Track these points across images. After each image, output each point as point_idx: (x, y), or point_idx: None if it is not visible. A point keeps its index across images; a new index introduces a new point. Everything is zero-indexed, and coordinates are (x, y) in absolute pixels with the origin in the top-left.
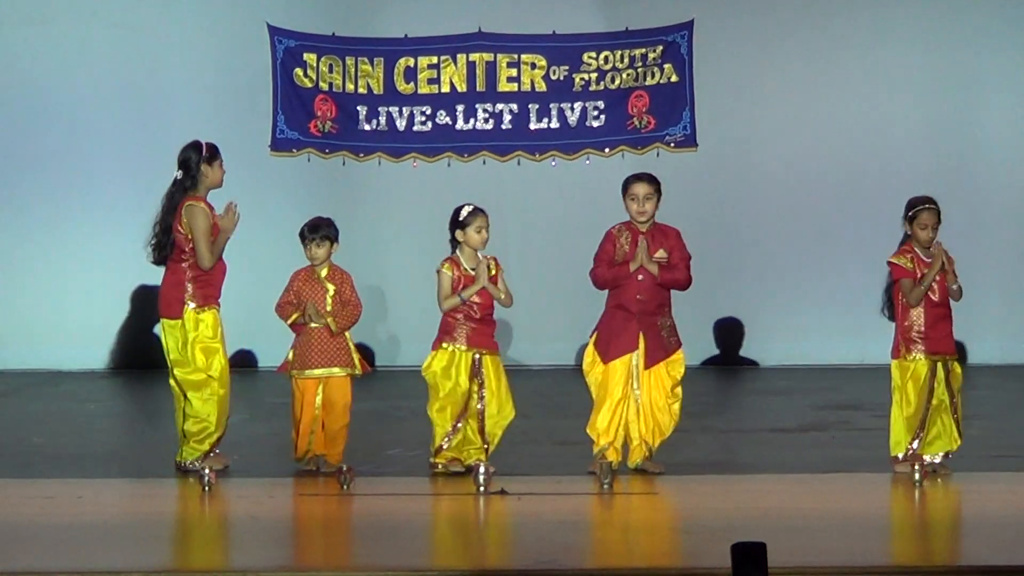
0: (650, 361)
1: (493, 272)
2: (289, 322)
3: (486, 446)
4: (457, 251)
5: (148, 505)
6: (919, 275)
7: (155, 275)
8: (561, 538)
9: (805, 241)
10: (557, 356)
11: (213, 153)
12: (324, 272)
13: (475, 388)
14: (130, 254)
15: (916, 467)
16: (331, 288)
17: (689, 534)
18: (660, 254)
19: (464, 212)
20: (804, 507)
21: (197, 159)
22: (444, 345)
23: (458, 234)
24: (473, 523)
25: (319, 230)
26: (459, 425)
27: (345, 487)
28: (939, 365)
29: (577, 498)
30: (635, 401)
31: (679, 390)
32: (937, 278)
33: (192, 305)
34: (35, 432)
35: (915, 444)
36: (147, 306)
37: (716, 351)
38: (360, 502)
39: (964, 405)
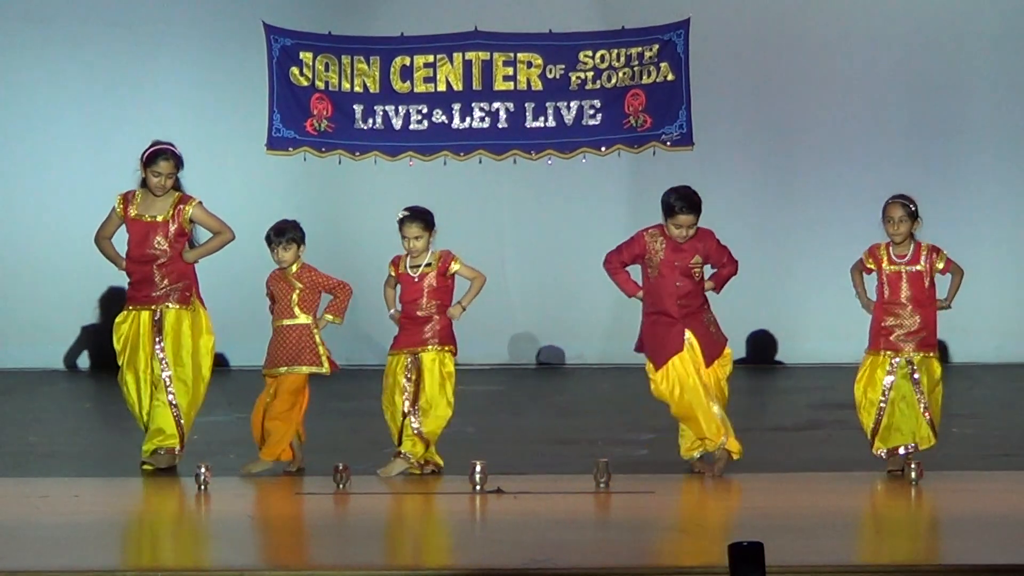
0: (708, 359)
1: (432, 269)
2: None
3: (425, 443)
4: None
5: (144, 504)
6: (874, 271)
7: None
8: (558, 537)
9: (800, 240)
10: (553, 355)
11: (149, 158)
12: (293, 270)
13: (412, 387)
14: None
15: (913, 466)
16: (298, 286)
17: (686, 533)
18: (695, 260)
19: (398, 216)
20: (801, 506)
21: (140, 158)
22: (389, 352)
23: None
24: (469, 522)
25: (285, 233)
26: (407, 419)
27: (341, 486)
28: (901, 360)
29: (574, 497)
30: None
31: (726, 383)
32: (906, 275)
33: None
34: (31, 431)
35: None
36: None
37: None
38: (356, 501)
39: (958, 404)
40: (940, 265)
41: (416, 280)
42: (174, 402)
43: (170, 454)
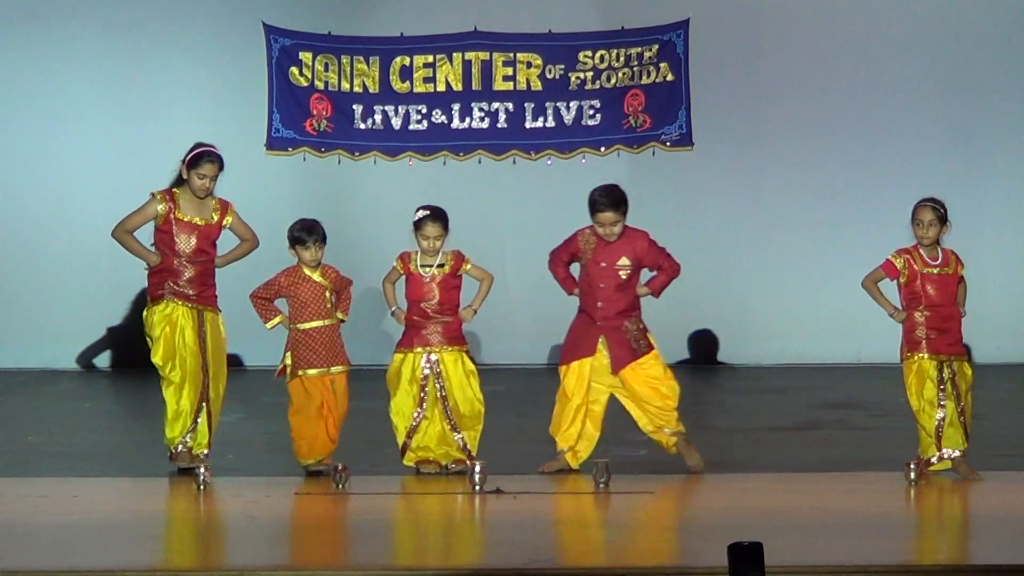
0: (616, 365)
1: (447, 269)
2: (270, 325)
3: (465, 447)
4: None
5: (143, 504)
6: (907, 277)
7: None
8: (557, 537)
9: (802, 239)
10: (553, 355)
11: (194, 160)
12: (318, 273)
13: (435, 387)
14: (126, 252)
15: (912, 466)
16: (328, 285)
17: (685, 533)
18: (622, 261)
19: (417, 216)
20: (800, 506)
21: (183, 159)
22: (397, 349)
23: (412, 234)
24: (468, 522)
25: (316, 231)
26: (417, 422)
27: (341, 486)
28: (944, 366)
29: (573, 497)
30: (623, 399)
31: (670, 383)
32: (942, 278)
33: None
34: (31, 430)
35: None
36: (144, 305)
37: (717, 350)
38: (356, 501)
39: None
40: (962, 271)
41: (428, 280)
42: (210, 408)
43: (199, 457)
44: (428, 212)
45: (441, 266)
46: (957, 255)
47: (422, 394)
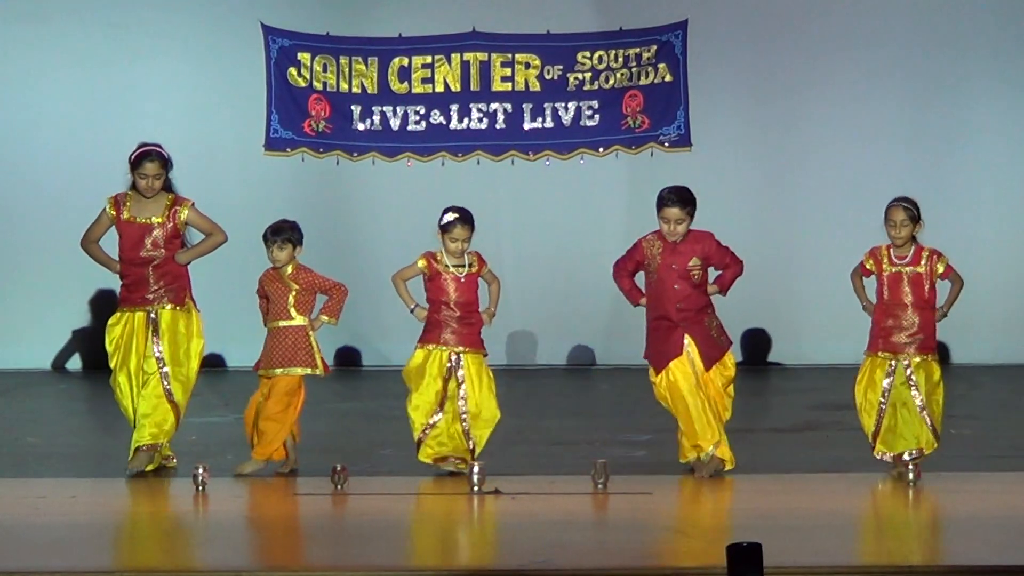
0: (707, 363)
1: (475, 270)
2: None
3: (471, 447)
4: (441, 247)
5: (142, 504)
6: (876, 275)
7: None
8: (555, 538)
9: (800, 240)
10: (551, 356)
11: (135, 160)
12: (288, 271)
13: (455, 387)
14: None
15: (911, 467)
16: (295, 287)
17: (684, 534)
18: (693, 262)
19: (446, 218)
20: (799, 507)
21: (129, 160)
22: (419, 345)
23: (438, 235)
24: (467, 523)
25: (281, 233)
26: (436, 420)
27: (338, 487)
28: (899, 363)
29: (571, 498)
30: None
31: (731, 388)
32: (906, 277)
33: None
34: (29, 432)
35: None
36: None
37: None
38: (353, 502)
39: (957, 405)
40: (940, 269)
41: (463, 280)
42: (174, 400)
43: (150, 452)
44: (458, 215)
45: (470, 266)
46: (938, 253)
47: (444, 392)
